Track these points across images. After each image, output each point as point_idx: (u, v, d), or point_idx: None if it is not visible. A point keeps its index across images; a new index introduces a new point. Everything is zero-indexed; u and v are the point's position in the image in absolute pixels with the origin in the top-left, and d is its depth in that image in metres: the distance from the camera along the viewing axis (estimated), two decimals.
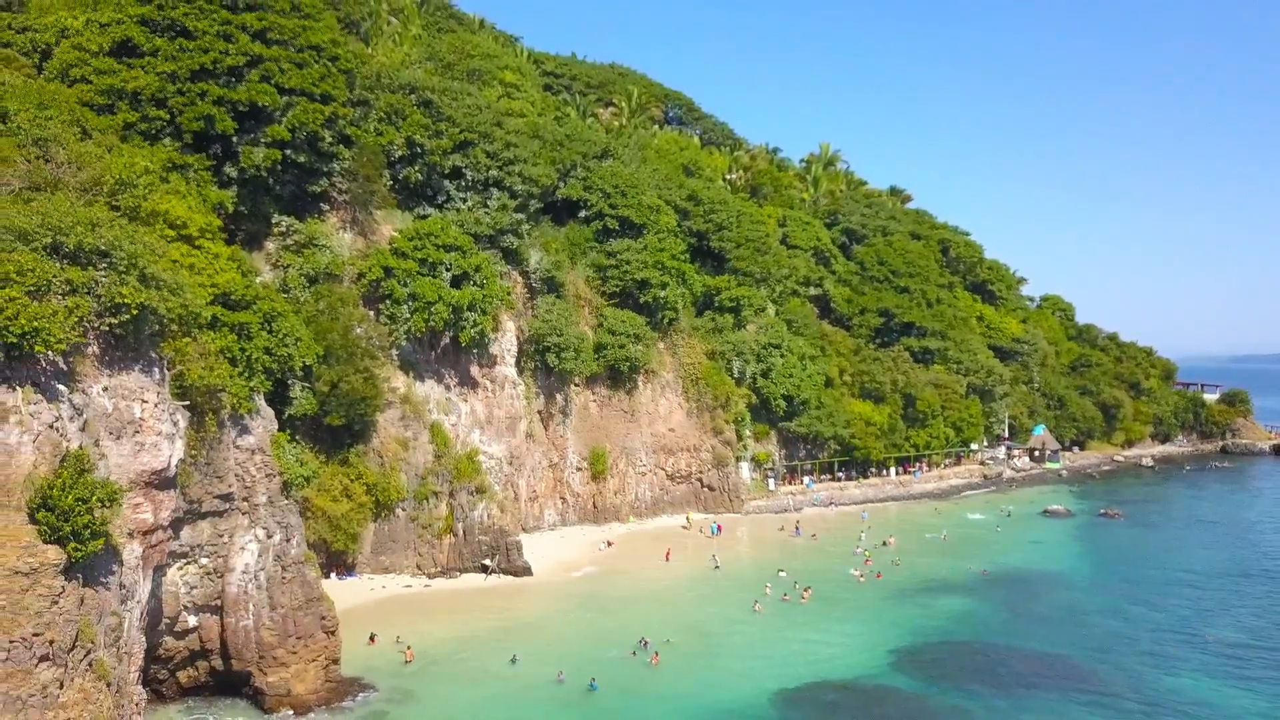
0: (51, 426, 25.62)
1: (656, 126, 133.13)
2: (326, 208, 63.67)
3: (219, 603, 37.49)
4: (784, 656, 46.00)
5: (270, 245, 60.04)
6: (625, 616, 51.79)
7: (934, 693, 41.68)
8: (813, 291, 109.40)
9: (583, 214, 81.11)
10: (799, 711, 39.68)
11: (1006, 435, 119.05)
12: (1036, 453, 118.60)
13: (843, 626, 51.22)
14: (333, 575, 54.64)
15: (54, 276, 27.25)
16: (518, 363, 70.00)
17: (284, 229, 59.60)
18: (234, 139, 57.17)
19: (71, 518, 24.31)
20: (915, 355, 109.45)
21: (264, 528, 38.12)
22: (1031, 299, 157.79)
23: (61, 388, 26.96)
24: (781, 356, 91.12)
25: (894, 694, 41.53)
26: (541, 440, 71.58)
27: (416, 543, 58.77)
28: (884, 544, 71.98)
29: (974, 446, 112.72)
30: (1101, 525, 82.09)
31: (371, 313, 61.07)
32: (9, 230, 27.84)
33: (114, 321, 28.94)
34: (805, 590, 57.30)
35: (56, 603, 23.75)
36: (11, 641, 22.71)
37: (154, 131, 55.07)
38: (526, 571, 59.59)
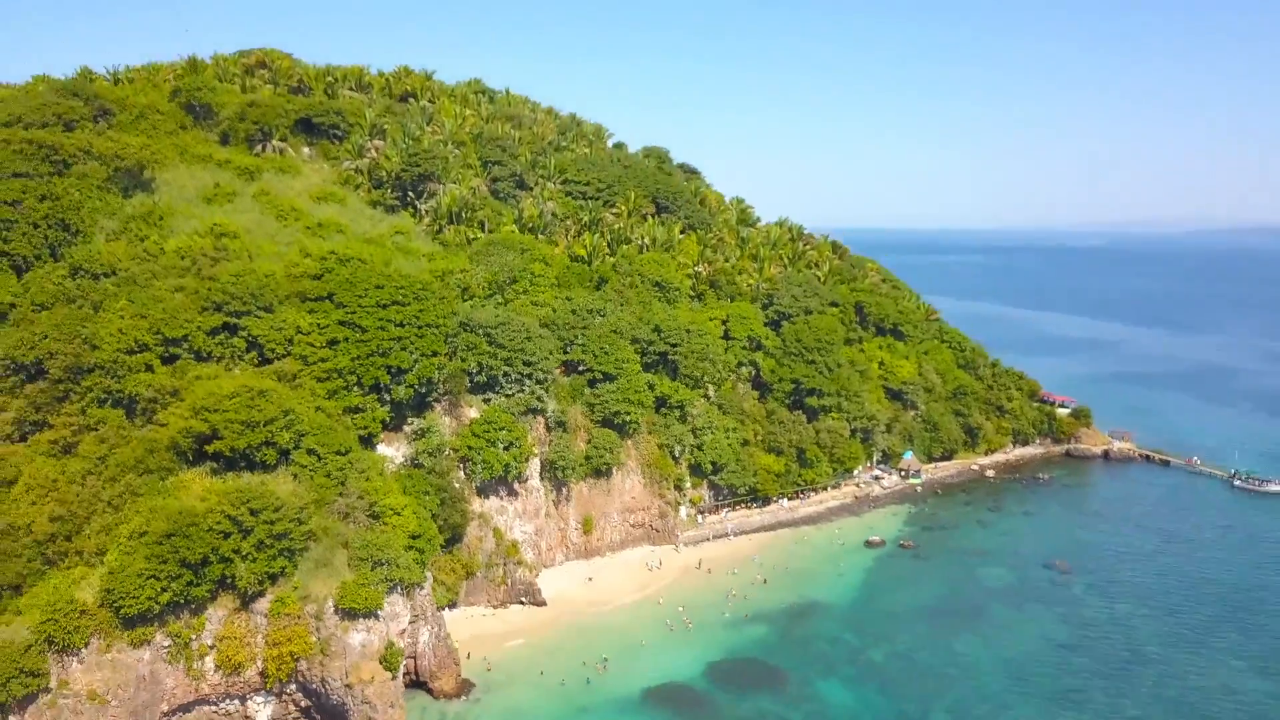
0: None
1: (646, 218, 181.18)
2: (433, 402, 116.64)
3: (414, 653, 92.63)
4: (659, 668, 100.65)
5: (406, 429, 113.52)
6: (590, 637, 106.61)
7: (715, 690, 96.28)
8: (746, 371, 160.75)
9: (580, 368, 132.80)
10: (656, 706, 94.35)
11: (881, 460, 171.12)
12: (904, 472, 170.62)
13: (693, 646, 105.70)
14: (444, 610, 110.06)
15: (381, 581, 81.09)
16: (540, 475, 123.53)
17: (412, 424, 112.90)
18: (392, 382, 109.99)
19: (391, 663, 79.09)
20: (814, 410, 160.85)
21: (430, 624, 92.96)
22: (938, 316, 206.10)
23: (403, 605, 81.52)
24: (711, 434, 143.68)
25: (691, 690, 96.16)
26: (553, 516, 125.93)
27: (487, 590, 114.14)
28: (763, 581, 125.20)
29: (855, 472, 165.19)
30: (894, 556, 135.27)
31: (461, 467, 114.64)
32: (359, 558, 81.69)
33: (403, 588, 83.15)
34: (688, 620, 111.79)
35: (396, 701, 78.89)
36: (387, 709, 77.88)
37: (348, 387, 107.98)
38: (543, 604, 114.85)
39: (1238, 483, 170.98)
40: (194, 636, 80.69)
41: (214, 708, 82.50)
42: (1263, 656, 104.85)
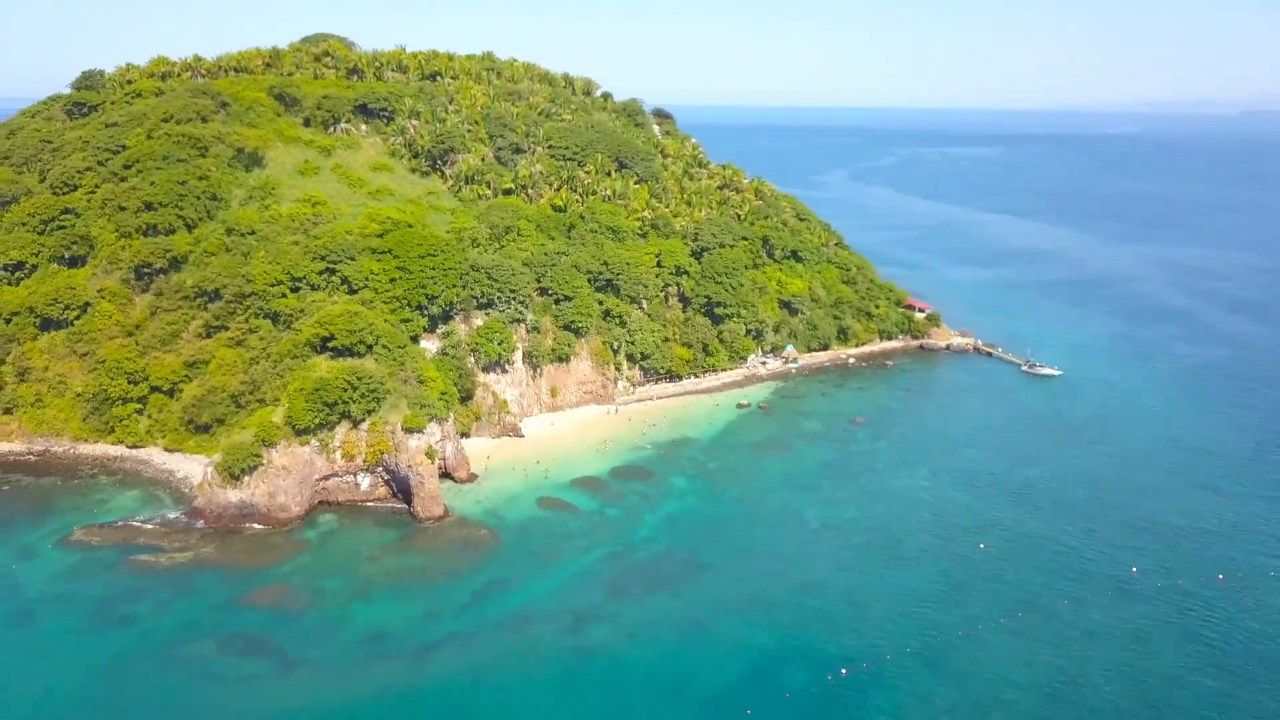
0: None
1: (609, 174, 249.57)
2: (454, 315, 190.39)
3: (444, 457, 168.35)
4: (584, 470, 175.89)
5: (437, 332, 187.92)
6: (547, 454, 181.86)
7: (611, 479, 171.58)
8: (673, 290, 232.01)
9: (550, 292, 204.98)
10: (577, 485, 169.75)
11: (769, 350, 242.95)
12: (784, 359, 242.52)
13: (607, 459, 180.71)
14: (462, 439, 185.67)
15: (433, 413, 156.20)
16: (522, 361, 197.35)
17: (441, 329, 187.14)
18: (428, 304, 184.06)
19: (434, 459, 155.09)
20: (721, 317, 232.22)
21: (452, 440, 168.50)
22: (838, 241, 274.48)
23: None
24: (641, 335, 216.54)
25: (599, 479, 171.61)
26: (531, 386, 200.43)
27: (488, 428, 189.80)
28: (665, 426, 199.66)
29: (749, 359, 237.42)
30: (752, 414, 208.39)
31: (471, 355, 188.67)
32: (413, 403, 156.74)
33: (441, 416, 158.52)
34: (608, 446, 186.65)
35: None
36: (429, 476, 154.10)
37: (402, 307, 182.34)
38: (522, 436, 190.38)
39: (1024, 368, 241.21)
40: (330, 441, 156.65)
41: (340, 479, 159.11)
42: (943, 472, 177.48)
